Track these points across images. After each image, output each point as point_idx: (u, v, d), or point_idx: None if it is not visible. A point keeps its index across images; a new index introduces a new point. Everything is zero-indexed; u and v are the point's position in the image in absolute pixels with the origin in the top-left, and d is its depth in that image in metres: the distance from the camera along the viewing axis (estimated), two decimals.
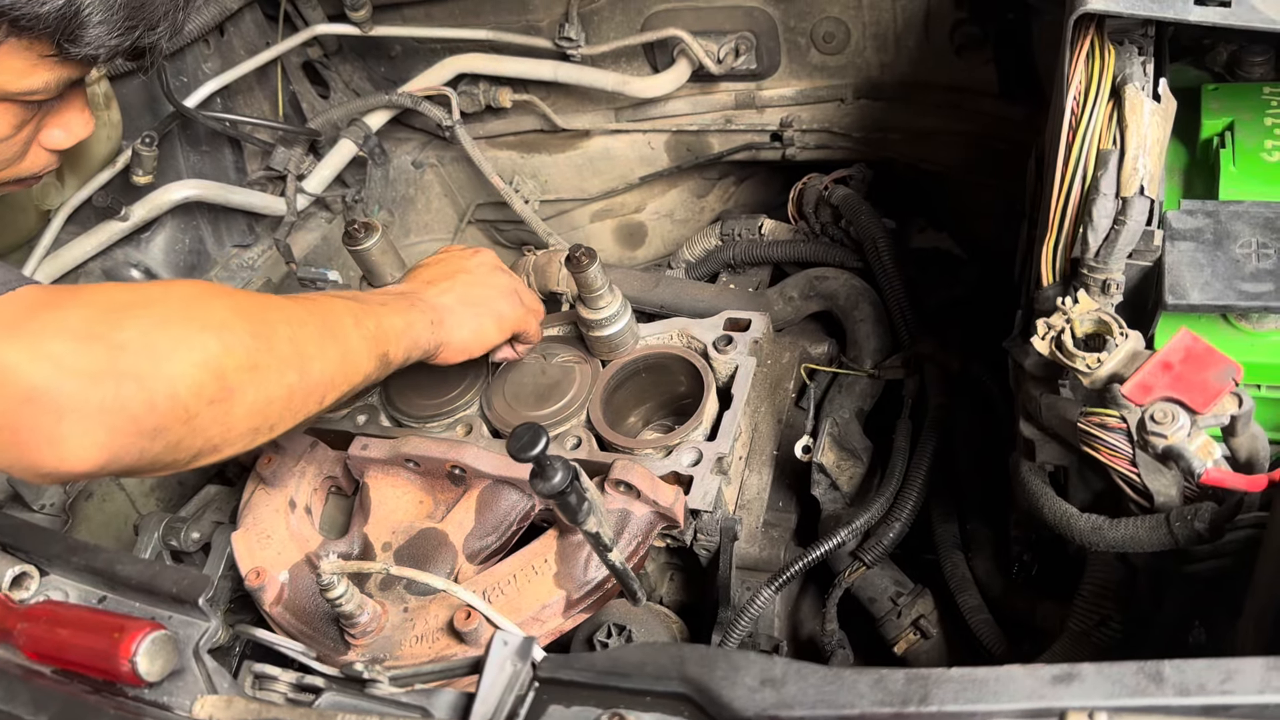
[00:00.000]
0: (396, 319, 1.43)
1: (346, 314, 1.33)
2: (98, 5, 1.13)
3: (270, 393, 1.16)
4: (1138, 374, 1.12)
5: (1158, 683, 0.83)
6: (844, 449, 1.75)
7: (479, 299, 1.60)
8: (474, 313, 1.58)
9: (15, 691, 1.03)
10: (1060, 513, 1.24)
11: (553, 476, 1.26)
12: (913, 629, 1.65)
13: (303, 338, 1.22)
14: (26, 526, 1.27)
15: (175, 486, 2.21)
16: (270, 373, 1.16)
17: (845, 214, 2.09)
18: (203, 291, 1.17)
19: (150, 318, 1.06)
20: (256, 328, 1.16)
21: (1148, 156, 1.20)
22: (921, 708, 0.85)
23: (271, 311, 1.22)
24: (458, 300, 1.57)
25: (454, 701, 0.97)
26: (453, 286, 1.58)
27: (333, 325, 1.30)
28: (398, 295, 1.51)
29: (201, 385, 1.07)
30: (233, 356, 1.11)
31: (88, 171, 2.12)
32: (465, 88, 2.47)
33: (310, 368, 1.22)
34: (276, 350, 1.17)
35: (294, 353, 1.20)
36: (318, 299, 1.35)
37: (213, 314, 1.13)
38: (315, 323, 1.27)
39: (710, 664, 0.91)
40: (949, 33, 2.13)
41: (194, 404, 1.06)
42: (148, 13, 1.19)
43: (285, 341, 1.19)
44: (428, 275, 1.61)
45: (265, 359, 1.15)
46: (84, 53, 1.16)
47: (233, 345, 1.11)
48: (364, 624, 1.49)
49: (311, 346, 1.23)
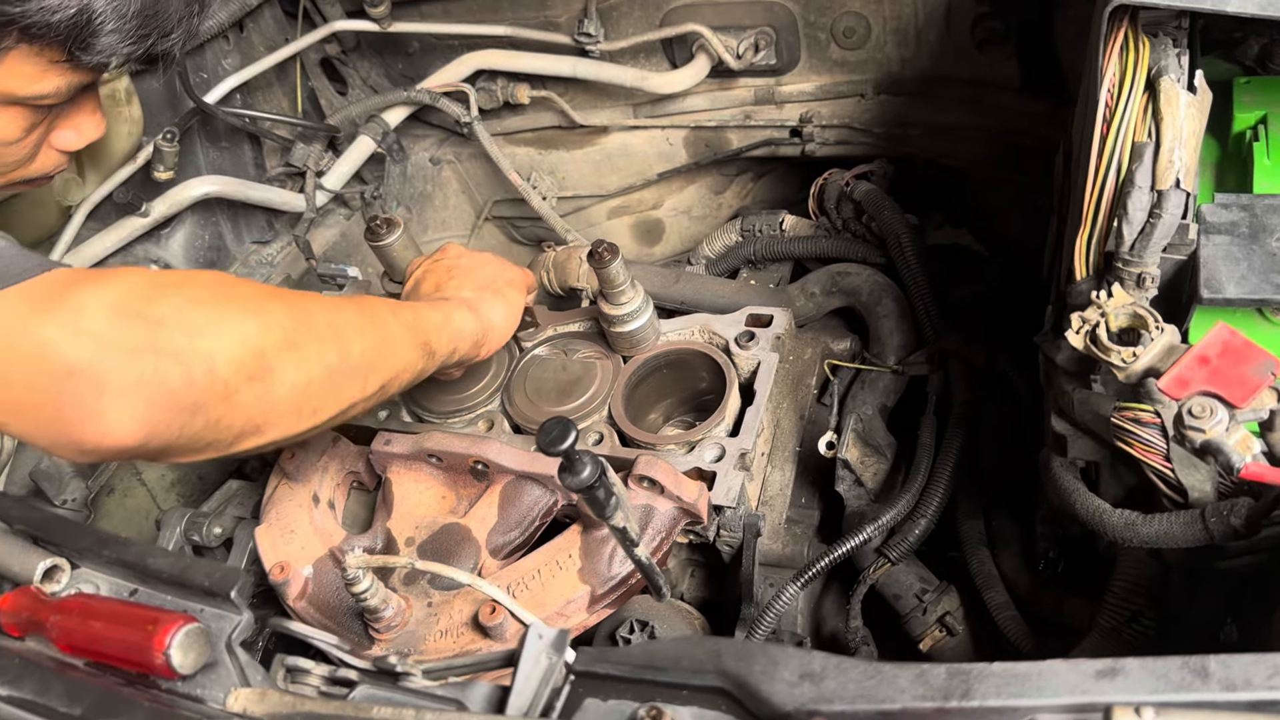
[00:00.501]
0: (433, 314, 1.44)
1: (382, 304, 1.34)
2: (110, 14, 1.12)
3: (311, 372, 1.16)
4: (1174, 368, 1.11)
5: (1203, 678, 0.82)
6: (868, 445, 1.75)
7: (488, 279, 1.62)
8: (493, 292, 1.60)
9: (49, 684, 1.03)
10: (1093, 508, 1.23)
11: (581, 471, 1.26)
12: (938, 626, 1.64)
13: (340, 321, 1.23)
14: (57, 519, 1.27)
15: (196, 482, 2.22)
16: (309, 352, 1.16)
17: (868, 209, 2.08)
18: (235, 278, 1.20)
19: (186, 296, 1.07)
20: (293, 309, 1.16)
21: (1183, 149, 1.19)
22: (964, 702, 0.84)
23: (306, 297, 1.23)
24: (475, 288, 1.58)
25: (489, 694, 0.96)
26: (460, 283, 1.59)
27: (369, 312, 1.31)
28: (419, 303, 1.52)
29: (240, 362, 1.07)
30: (271, 335, 1.11)
31: (109, 167, 2.12)
32: (483, 84, 2.47)
33: (350, 349, 1.23)
34: (315, 330, 1.18)
35: (332, 334, 1.20)
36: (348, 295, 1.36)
37: (248, 295, 1.14)
38: (352, 308, 1.28)
39: (748, 658, 0.91)
40: (970, 27, 2.12)
41: (233, 380, 1.06)
42: (161, 20, 1.18)
43: (323, 324, 1.19)
44: (426, 288, 1.62)
45: (304, 338, 1.15)
46: (95, 60, 1.16)
47: (270, 324, 1.12)
48: (388, 619, 1.49)
49: (350, 329, 1.24)
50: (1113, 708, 0.80)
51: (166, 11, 1.19)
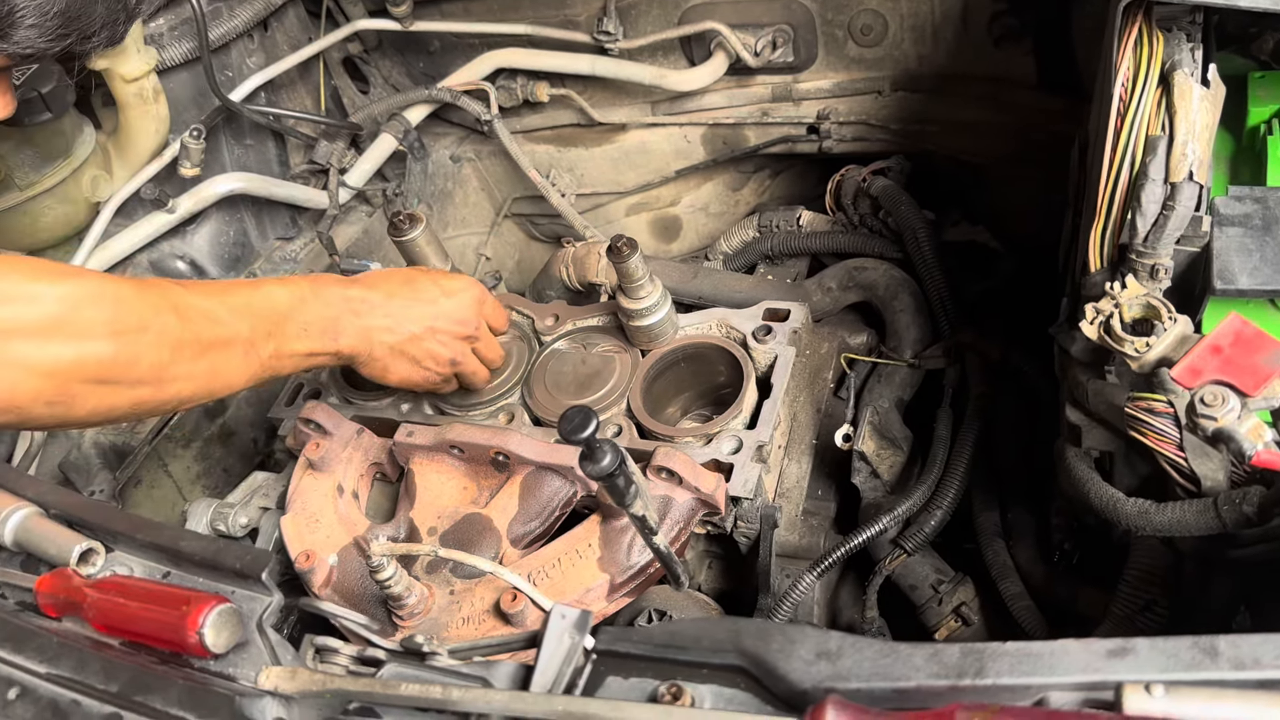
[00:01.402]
0: (302, 345, 1.43)
1: (241, 343, 1.33)
2: (31, 10, 1.16)
3: (114, 403, 1.19)
4: (1187, 357, 1.12)
5: (1212, 657, 0.84)
6: (884, 437, 1.76)
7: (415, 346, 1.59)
8: (404, 361, 1.60)
9: (86, 662, 1.07)
10: (1107, 497, 1.25)
11: (602, 459, 1.28)
12: (954, 616, 1.65)
13: (171, 362, 1.23)
14: (92, 504, 1.31)
15: (221, 474, 2.25)
16: (120, 388, 1.18)
17: (885, 205, 2.10)
18: (90, 298, 1.16)
19: (20, 320, 1.09)
20: (122, 349, 1.17)
21: (1197, 142, 1.20)
22: (977, 680, 0.86)
23: (150, 332, 1.20)
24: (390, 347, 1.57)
25: (513, 673, 0.99)
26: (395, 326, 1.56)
27: (216, 350, 1.29)
28: (334, 309, 1.49)
29: (39, 391, 1.10)
30: (84, 369, 1.13)
31: (136, 164, 2.16)
32: (503, 82, 2.50)
33: (167, 389, 1.24)
34: (134, 372, 1.19)
35: (154, 375, 1.21)
36: (233, 317, 1.33)
37: (84, 326, 1.14)
38: (195, 349, 1.26)
39: (766, 637, 0.93)
40: (987, 24, 2.13)
41: (29, 406, 1.10)
42: (83, 24, 1.22)
43: (149, 366, 1.20)
44: None
45: (120, 376, 1.17)
46: (10, 49, 1.19)
47: (88, 359, 1.13)
48: (411, 606, 1.52)
49: (179, 369, 1.24)
50: (1123, 686, 0.82)
51: (90, 16, 1.23)
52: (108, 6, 1.25)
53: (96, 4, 1.24)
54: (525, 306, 1.94)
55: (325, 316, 1.46)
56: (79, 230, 2.15)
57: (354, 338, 1.50)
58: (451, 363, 1.64)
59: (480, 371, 1.72)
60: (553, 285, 2.24)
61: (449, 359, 1.63)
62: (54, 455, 2.06)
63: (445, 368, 1.65)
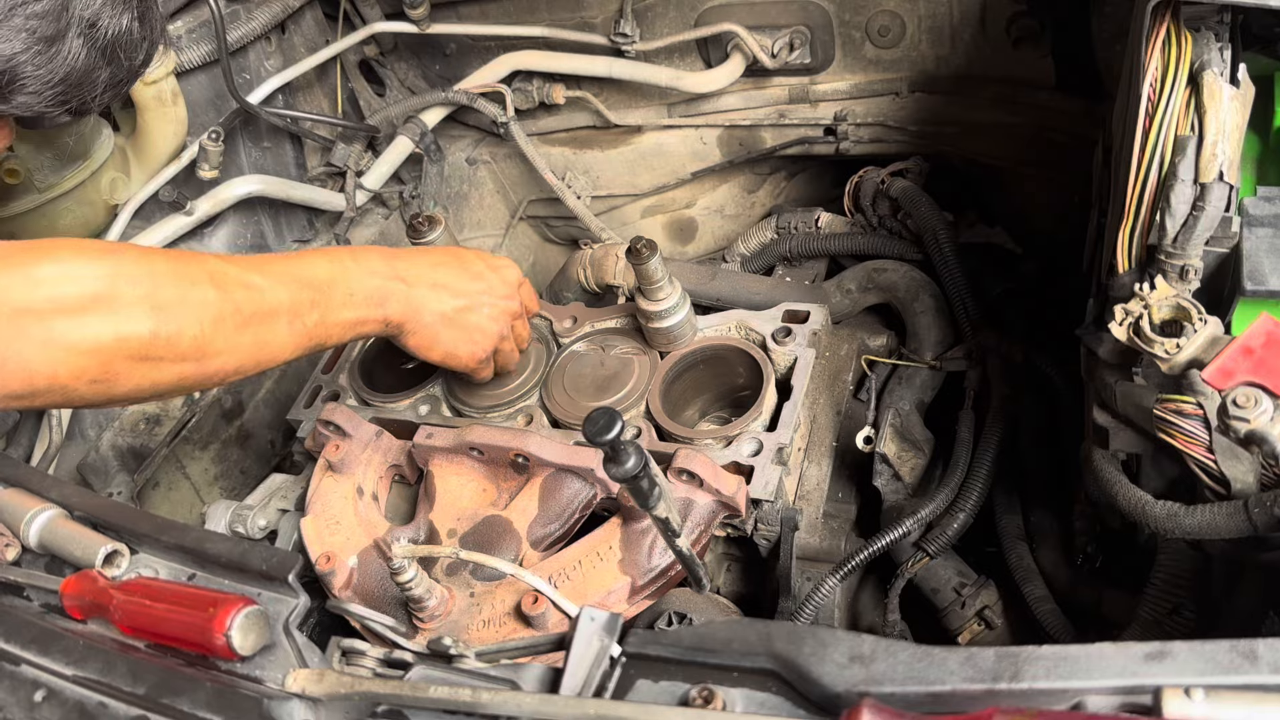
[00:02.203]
0: (348, 313, 1.41)
1: (285, 312, 1.32)
2: (33, 79, 1.17)
3: (157, 379, 1.18)
4: (1218, 359, 1.11)
5: (1252, 661, 0.83)
6: (905, 440, 1.76)
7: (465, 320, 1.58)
8: (455, 331, 1.58)
9: (113, 664, 1.06)
10: (1135, 500, 1.24)
11: (626, 461, 1.27)
12: (977, 619, 1.65)
13: (214, 335, 1.21)
14: (116, 506, 1.31)
15: (239, 476, 2.26)
16: (163, 364, 1.17)
17: (904, 206, 2.09)
18: (127, 275, 1.15)
19: (59, 299, 1.09)
20: (163, 322, 1.16)
21: (1226, 142, 1.19)
22: (1013, 684, 0.85)
23: (189, 306, 1.19)
24: (440, 316, 1.55)
25: (541, 675, 0.98)
26: (446, 306, 1.55)
27: (259, 322, 1.28)
28: (381, 280, 1.47)
29: (84, 369, 1.10)
30: (126, 346, 1.13)
31: (155, 166, 2.16)
32: (519, 84, 2.50)
33: (209, 363, 1.22)
34: (177, 347, 1.18)
35: (196, 349, 1.20)
36: (274, 286, 1.31)
37: (124, 298, 1.14)
38: (237, 320, 1.25)
39: (798, 640, 0.92)
40: (1005, 25, 2.12)
41: (73, 384, 1.10)
42: (85, 90, 1.23)
43: (190, 340, 1.19)
44: None
45: (162, 352, 1.16)
46: (9, 111, 1.20)
47: (129, 336, 1.13)
48: (432, 608, 1.51)
49: (221, 342, 1.22)
50: (1162, 689, 0.81)
51: (92, 82, 1.23)
52: (111, 72, 1.26)
53: (101, 70, 1.24)
54: (543, 308, 1.94)
55: (370, 284, 1.45)
56: (97, 232, 2.16)
57: (402, 305, 1.48)
58: (500, 337, 1.63)
59: (515, 354, 1.71)
60: (570, 287, 2.24)
61: (497, 333, 1.62)
62: (72, 457, 2.07)
63: (492, 341, 1.62)
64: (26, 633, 1.13)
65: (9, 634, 1.13)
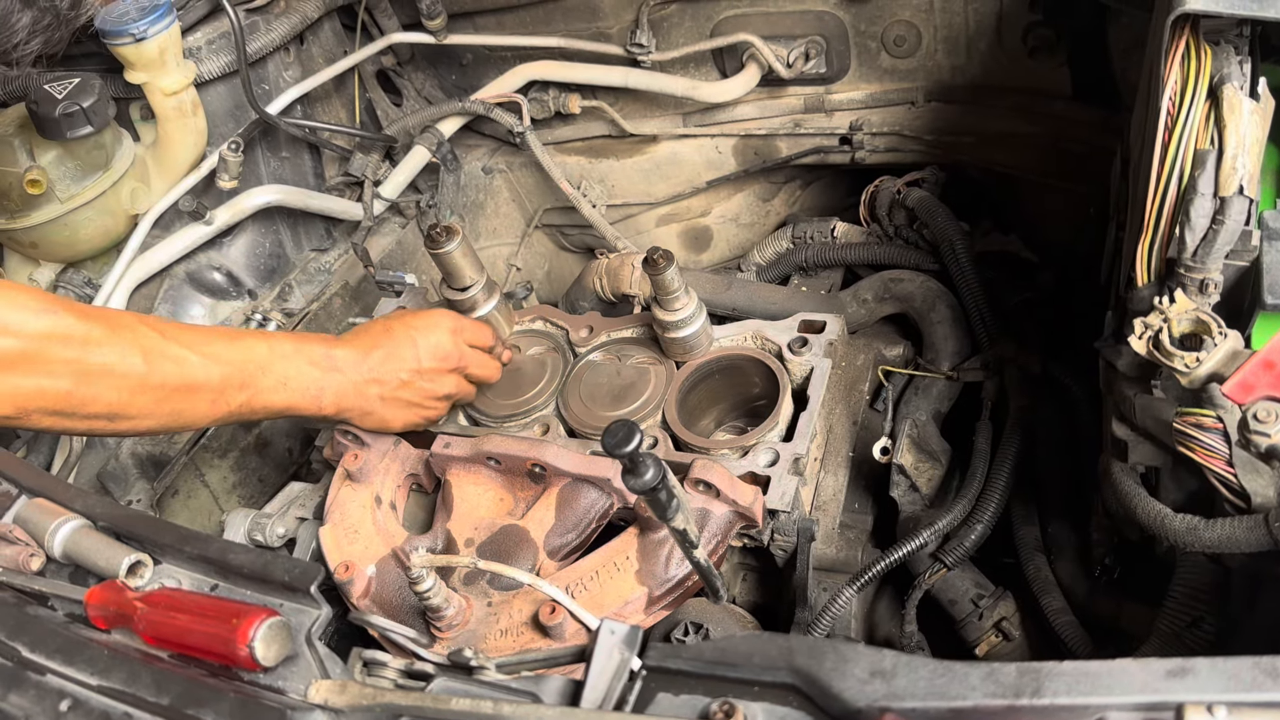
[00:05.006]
0: (279, 399, 1.49)
1: (210, 390, 1.39)
2: None
3: (68, 427, 1.30)
4: (1239, 373, 1.11)
5: (1275, 678, 0.82)
6: (922, 450, 1.76)
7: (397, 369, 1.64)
8: (397, 408, 1.66)
9: (137, 674, 1.07)
10: (1154, 513, 1.24)
11: (645, 473, 1.28)
12: (994, 631, 1.64)
13: (130, 403, 1.30)
14: (139, 516, 1.32)
15: (257, 484, 2.27)
16: (75, 419, 1.28)
17: (921, 216, 2.09)
18: (61, 337, 1.23)
19: None
20: (82, 386, 1.25)
21: (1246, 156, 1.19)
22: (1034, 700, 0.85)
23: (113, 376, 1.28)
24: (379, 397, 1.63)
25: (562, 688, 0.98)
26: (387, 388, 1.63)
27: (181, 396, 1.36)
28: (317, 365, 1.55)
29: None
30: (43, 401, 1.22)
31: (175, 176, 2.18)
32: (535, 94, 2.51)
33: (122, 424, 1.32)
34: (91, 409, 1.27)
35: (109, 413, 1.29)
36: (206, 363, 1.38)
37: (49, 364, 1.22)
38: (159, 394, 1.33)
39: (819, 655, 0.92)
40: (1022, 35, 2.12)
41: None
42: (3, 38, 1.27)
43: (105, 405, 1.28)
44: None
45: (76, 410, 1.26)
46: None
47: (48, 392, 1.22)
48: (450, 617, 1.52)
49: (135, 410, 1.32)
50: (1184, 706, 0.81)
51: (11, 27, 1.27)
52: (34, 16, 1.28)
53: (19, 14, 1.27)
54: (559, 318, 1.94)
55: (308, 375, 1.53)
56: (118, 242, 2.18)
57: (337, 396, 1.56)
58: (445, 395, 1.71)
59: (477, 385, 1.78)
60: (586, 296, 2.24)
61: (441, 393, 1.70)
62: (92, 465, 2.09)
63: (438, 403, 1.71)
64: (52, 642, 1.14)
65: (35, 644, 1.14)
